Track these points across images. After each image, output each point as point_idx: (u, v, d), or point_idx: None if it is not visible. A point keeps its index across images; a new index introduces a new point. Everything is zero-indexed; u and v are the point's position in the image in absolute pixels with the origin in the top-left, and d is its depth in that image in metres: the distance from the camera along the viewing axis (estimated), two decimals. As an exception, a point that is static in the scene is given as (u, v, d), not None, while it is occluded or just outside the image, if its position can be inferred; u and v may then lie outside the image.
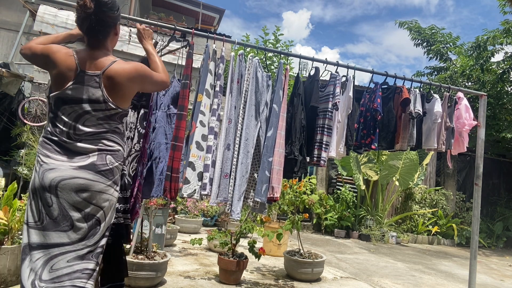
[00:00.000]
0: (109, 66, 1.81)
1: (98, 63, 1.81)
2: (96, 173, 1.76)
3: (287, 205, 4.88)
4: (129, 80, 1.84)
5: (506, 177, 11.40)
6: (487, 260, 7.82)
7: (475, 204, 3.93)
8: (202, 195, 2.72)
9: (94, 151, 1.78)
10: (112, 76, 1.80)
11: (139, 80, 1.90)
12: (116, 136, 1.88)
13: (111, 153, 1.83)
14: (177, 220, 6.76)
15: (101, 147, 1.80)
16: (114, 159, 1.84)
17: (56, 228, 1.70)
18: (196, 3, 11.91)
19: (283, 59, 3.45)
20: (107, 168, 1.80)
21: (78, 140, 1.77)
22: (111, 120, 1.85)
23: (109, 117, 1.83)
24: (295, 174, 3.07)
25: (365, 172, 9.00)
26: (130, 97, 1.93)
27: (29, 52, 1.87)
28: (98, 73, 1.79)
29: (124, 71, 1.83)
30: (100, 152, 1.79)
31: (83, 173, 1.73)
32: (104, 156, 1.80)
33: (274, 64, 9.92)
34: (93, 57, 1.82)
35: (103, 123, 1.82)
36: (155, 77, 1.98)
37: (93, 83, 1.77)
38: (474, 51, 9.48)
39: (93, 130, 1.79)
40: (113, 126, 1.86)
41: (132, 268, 3.47)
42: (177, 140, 2.66)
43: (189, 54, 2.79)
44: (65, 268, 1.70)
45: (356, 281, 4.79)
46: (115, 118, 1.86)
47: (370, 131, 3.43)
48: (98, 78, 1.78)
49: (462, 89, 4.07)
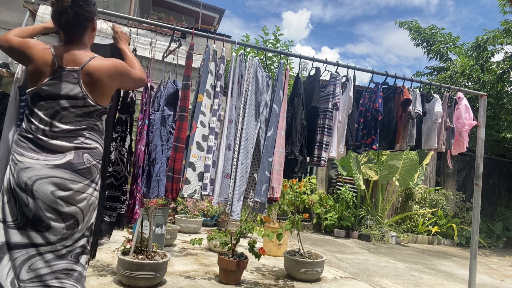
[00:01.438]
0: (88, 62, 1.78)
1: (76, 59, 1.78)
2: (73, 172, 1.73)
3: (287, 205, 4.88)
4: (109, 76, 1.82)
5: (506, 177, 11.40)
6: (487, 260, 7.83)
7: (475, 204, 3.93)
8: (203, 195, 2.72)
9: (70, 149, 1.74)
10: (91, 72, 1.77)
11: (119, 76, 1.87)
12: (94, 134, 1.84)
13: (88, 151, 1.79)
14: (177, 220, 6.76)
15: (78, 145, 1.77)
16: (91, 157, 1.80)
17: (33, 228, 1.68)
18: (196, 3, 11.91)
19: (283, 59, 3.45)
20: (84, 167, 1.76)
21: (54, 137, 1.73)
22: (90, 117, 1.81)
23: (88, 114, 1.80)
24: (296, 174, 3.07)
25: (365, 172, 9.00)
26: (110, 94, 1.90)
27: (6, 44, 1.83)
28: (77, 69, 1.76)
29: (104, 68, 1.80)
30: (77, 150, 1.76)
31: (59, 172, 1.70)
32: (81, 154, 1.76)
33: (274, 64, 9.92)
34: (71, 53, 1.79)
35: (81, 120, 1.79)
36: (133, 74, 1.97)
37: (71, 79, 1.75)
38: (474, 51, 9.48)
39: (70, 127, 1.76)
40: (91, 123, 1.82)
41: (132, 268, 3.47)
42: (179, 141, 2.66)
43: (189, 55, 2.79)
44: (44, 268, 1.67)
45: (356, 281, 4.79)
46: (94, 115, 1.83)
47: (371, 131, 3.43)
48: (77, 74, 1.76)
49: (462, 89, 4.08)
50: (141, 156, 2.62)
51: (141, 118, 2.68)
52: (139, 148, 2.63)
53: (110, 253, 4.59)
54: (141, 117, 2.68)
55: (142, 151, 2.64)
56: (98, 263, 4.22)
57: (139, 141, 2.64)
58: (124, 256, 3.57)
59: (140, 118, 2.68)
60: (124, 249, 3.76)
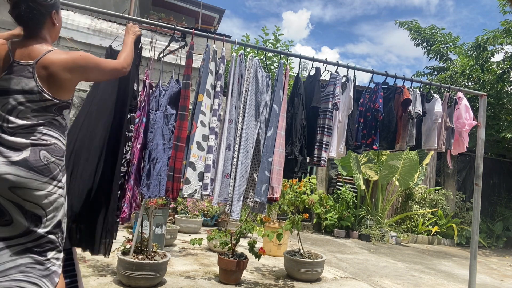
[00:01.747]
0: (43, 55, 1.74)
1: (31, 53, 1.75)
2: (29, 170, 1.69)
3: (287, 205, 4.88)
4: (66, 70, 1.77)
5: (506, 177, 11.40)
6: (487, 260, 7.82)
7: (475, 204, 3.93)
8: (203, 195, 2.72)
9: (27, 145, 1.71)
10: (46, 65, 1.73)
11: (79, 70, 1.83)
12: (53, 129, 1.80)
13: (45, 147, 1.76)
14: (177, 220, 6.76)
15: (35, 141, 1.73)
16: (49, 154, 1.77)
17: None
18: (196, 3, 11.91)
19: (283, 59, 3.45)
20: (41, 164, 1.73)
21: (12, 133, 1.70)
22: (47, 112, 1.77)
23: (45, 109, 1.76)
24: (296, 174, 3.07)
25: (365, 172, 9.00)
26: (70, 87, 1.85)
27: None
28: (32, 63, 1.73)
29: (60, 61, 1.76)
30: (34, 147, 1.72)
31: (15, 170, 1.67)
32: (37, 152, 1.73)
33: (274, 64, 9.92)
34: (28, 47, 1.76)
35: (38, 116, 1.75)
36: (102, 65, 1.92)
37: (26, 73, 1.72)
38: (474, 51, 9.48)
39: (26, 123, 1.72)
40: (49, 118, 1.78)
41: (132, 268, 3.47)
42: (179, 141, 2.66)
43: (189, 54, 2.79)
44: (9, 262, 1.67)
45: (356, 281, 4.79)
46: (52, 110, 1.79)
47: (371, 131, 3.43)
48: (32, 68, 1.72)
49: (462, 89, 4.08)
50: (136, 154, 2.61)
51: (139, 116, 2.68)
52: (135, 146, 2.62)
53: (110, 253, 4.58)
54: (139, 114, 2.68)
55: (137, 150, 2.63)
56: (98, 263, 4.22)
57: (136, 139, 2.63)
58: (124, 256, 3.57)
59: (137, 116, 2.67)
60: (124, 249, 3.76)
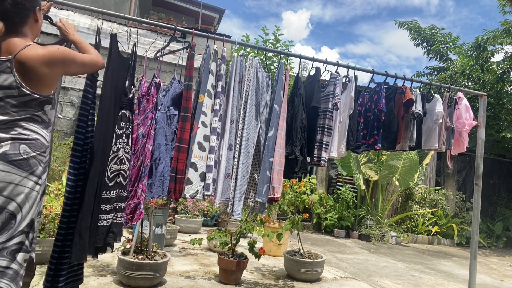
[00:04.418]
0: (20, 50, 1.73)
1: (10, 48, 1.74)
2: (7, 163, 1.67)
3: (287, 205, 4.88)
4: (43, 64, 1.76)
5: (506, 177, 11.41)
6: (487, 260, 7.83)
7: (475, 204, 3.93)
8: (205, 195, 2.71)
9: (7, 140, 1.69)
10: (23, 60, 1.72)
11: (57, 63, 1.81)
12: (34, 125, 1.79)
13: (26, 142, 1.74)
14: (177, 220, 6.76)
15: (15, 135, 1.72)
16: (30, 149, 1.75)
17: None
18: (196, 3, 11.91)
19: (283, 59, 3.45)
20: (20, 158, 1.71)
21: None
22: (28, 108, 1.76)
23: (24, 104, 1.75)
24: (296, 174, 3.07)
25: (365, 172, 9.00)
26: (50, 82, 1.83)
27: None
28: (9, 58, 1.72)
29: (37, 56, 1.74)
30: (14, 141, 1.71)
31: None
32: (17, 146, 1.71)
33: (274, 64, 9.92)
34: (8, 43, 1.75)
35: (18, 111, 1.74)
36: (80, 58, 1.92)
37: (5, 69, 1.71)
38: (474, 51, 9.48)
39: (6, 118, 1.71)
40: (30, 113, 1.77)
41: (132, 268, 3.47)
42: (182, 142, 2.66)
43: (191, 55, 2.79)
44: None
45: (356, 281, 4.79)
46: (33, 105, 1.77)
47: (373, 131, 3.44)
48: (10, 63, 1.71)
49: (462, 89, 4.08)
50: (148, 155, 2.62)
51: (151, 118, 2.68)
52: (147, 148, 2.63)
53: (110, 253, 4.58)
54: (151, 116, 2.69)
55: (149, 151, 2.64)
56: (98, 263, 4.22)
57: (147, 141, 2.64)
58: (124, 256, 3.57)
59: (150, 118, 2.68)
60: (124, 249, 3.76)
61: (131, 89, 2.58)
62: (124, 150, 2.49)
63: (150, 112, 2.71)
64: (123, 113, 2.51)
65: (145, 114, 2.73)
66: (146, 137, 2.66)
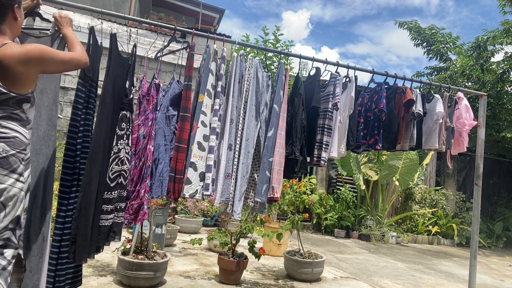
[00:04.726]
0: None
1: None
2: None
3: (287, 205, 4.88)
4: (20, 63, 1.74)
5: (506, 177, 11.41)
6: (487, 260, 7.83)
7: (475, 204, 3.93)
8: (205, 195, 2.71)
9: None
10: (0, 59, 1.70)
11: (33, 62, 1.80)
12: (12, 122, 1.78)
13: (4, 140, 1.74)
14: (177, 220, 6.76)
15: None
16: (8, 147, 1.74)
17: None
18: (196, 3, 11.92)
19: (283, 59, 3.45)
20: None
21: None
22: (5, 106, 1.76)
23: (1, 102, 1.74)
24: (296, 174, 3.07)
25: (365, 172, 9.00)
26: (26, 81, 1.82)
27: None
28: None
29: (13, 55, 1.73)
30: None
31: None
32: None
33: (274, 64, 9.91)
34: None
35: None
36: (59, 57, 1.90)
37: None
38: (474, 51, 9.48)
39: None
40: (8, 112, 1.77)
41: (132, 268, 3.47)
42: (181, 142, 2.66)
43: (190, 55, 2.79)
44: None
45: (356, 281, 4.79)
46: (10, 104, 1.77)
47: (374, 131, 3.44)
48: None
49: (462, 89, 4.08)
50: (149, 156, 2.62)
51: (151, 119, 2.69)
52: (148, 148, 2.63)
53: (110, 253, 4.58)
54: (151, 117, 2.69)
55: (151, 151, 2.64)
56: (98, 263, 4.22)
57: (149, 141, 2.65)
58: (124, 256, 3.57)
59: (150, 119, 2.69)
60: (124, 249, 3.76)
61: (131, 89, 2.58)
62: (125, 151, 2.50)
63: (151, 113, 2.71)
64: (124, 114, 2.51)
65: (146, 115, 2.74)
66: (147, 138, 2.66)
